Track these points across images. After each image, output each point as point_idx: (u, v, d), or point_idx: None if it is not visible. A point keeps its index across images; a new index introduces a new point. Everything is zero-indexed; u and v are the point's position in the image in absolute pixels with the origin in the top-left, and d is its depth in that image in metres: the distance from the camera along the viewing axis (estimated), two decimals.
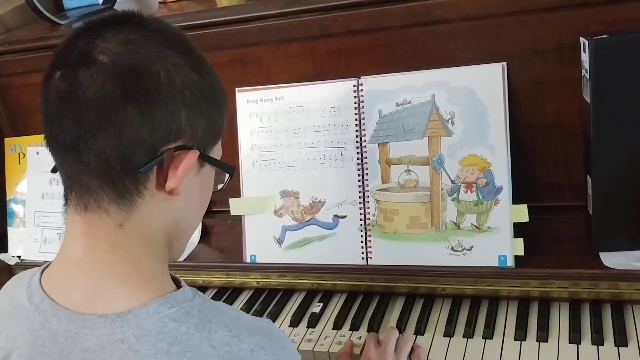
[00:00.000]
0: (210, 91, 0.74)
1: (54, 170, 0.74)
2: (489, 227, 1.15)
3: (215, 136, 0.77)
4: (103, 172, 0.69)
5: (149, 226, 0.73)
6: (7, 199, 1.58)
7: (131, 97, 0.67)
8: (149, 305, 0.68)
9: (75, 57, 0.68)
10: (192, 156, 0.72)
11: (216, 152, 0.79)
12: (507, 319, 1.13)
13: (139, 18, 0.73)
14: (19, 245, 1.56)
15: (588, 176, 1.12)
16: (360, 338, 1.15)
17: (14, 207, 1.58)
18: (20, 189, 1.57)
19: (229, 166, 0.81)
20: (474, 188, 1.16)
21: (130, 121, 0.67)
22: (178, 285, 0.74)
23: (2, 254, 1.56)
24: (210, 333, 0.67)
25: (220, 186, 0.83)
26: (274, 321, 1.25)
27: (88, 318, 0.68)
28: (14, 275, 1.50)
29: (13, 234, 1.58)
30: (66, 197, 0.73)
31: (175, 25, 0.77)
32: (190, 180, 0.73)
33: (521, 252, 1.13)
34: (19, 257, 1.55)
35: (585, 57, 1.07)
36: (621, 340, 1.02)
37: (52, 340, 0.68)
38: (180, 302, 0.69)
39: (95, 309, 0.68)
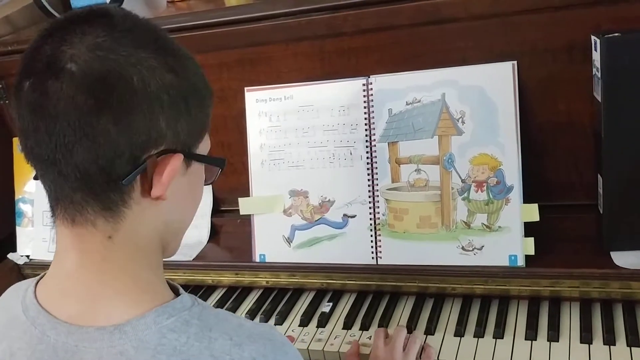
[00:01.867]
0: (190, 89, 0.70)
1: (36, 178, 0.71)
2: (499, 227, 1.15)
3: (200, 133, 0.73)
4: (85, 185, 0.66)
5: (139, 235, 0.70)
6: (16, 198, 1.58)
7: (104, 108, 0.63)
8: (146, 316, 0.66)
9: (42, 65, 0.65)
10: (176, 161, 0.69)
11: (203, 147, 0.75)
12: (517, 318, 1.13)
13: (107, 16, 0.68)
14: (28, 245, 1.56)
15: (599, 175, 1.12)
16: (370, 338, 1.15)
17: (22, 206, 1.58)
18: (28, 188, 1.57)
19: (218, 159, 0.78)
20: (485, 187, 1.15)
21: (105, 133, 0.64)
22: (176, 292, 0.72)
23: (10, 253, 1.56)
24: (211, 342, 0.65)
25: (212, 179, 0.80)
26: (283, 321, 1.25)
27: (86, 331, 0.66)
28: (23, 274, 1.52)
29: (22, 233, 1.58)
30: (53, 210, 0.71)
31: (149, 20, 0.72)
32: (177, 181, 0.71)
33: (532, 252, 1.13)
34: (27, 256, 1.55)
35: (596, 56, 1.06)
36: (633, 340, 1.02)
37: (51, 353, 0.67)
38: (178, 311, 0.68)
39: (92, 321, 0.67)
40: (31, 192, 1.56)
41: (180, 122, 0.69)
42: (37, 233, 1.54)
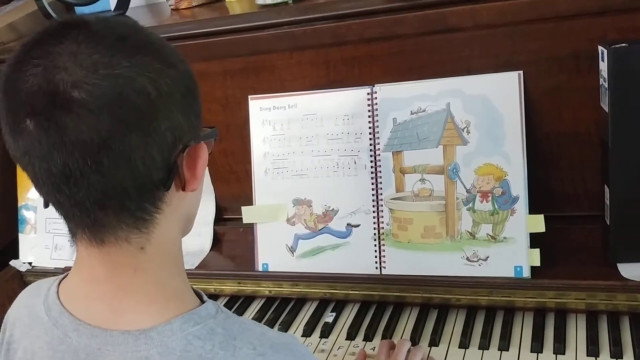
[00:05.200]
0: (188, 79, 0.69)
1: (46, 206, 0.69)
2: (504, 237, 1.13)
3: (201, 113, 0.73)
4: (120, 205, 0.65)
5: (169, 239, 0.71)
6: (19, 205, 1.58)
7: (130, 126, 0.62)
8: (172, 322, 0.67)
9: (42, 100, 0.60)
10: (204, 152, 0.70)
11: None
12: (522, 330, 1.12)
13: (86, 29, 0.63)
14: (30, 252, 1.55)
15: (605, 186, 1.11)
16: (374, 349, 1.14)
17: (25, 213, 1.58)
18: (31, 195, 1.57)
19: (214, 130, 0.76)
20: (490, 197, 1.14)
21: (137, 148, 0.63)
22: (200, 298, 0.73)
23: (13, 260, 1.55)
24: (235, 351, 0.66)
25: (209, 149, 0.78)
26: (285, 331, 1.24)
27: (110, 334, 0.66)
28: (25, 281, 1.52)
29: (24, 240, 1.57)
30: (74, 233, 0.69)
31: (126, 19, 0.70)
32: None
33: (537, 263, 1.12)
34: (30, 263, 1.54)
35: (603, 66, 1.05)
36: None
37: (72, 355, 0.67)
38: (204, 319, 0.68)
39: (117, 325, 0.67)
40: (34, 199, 1.56)
41: (192, 112, 0.69)
42: (39, 240, 1.54)
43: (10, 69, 0.64)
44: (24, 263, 1.55)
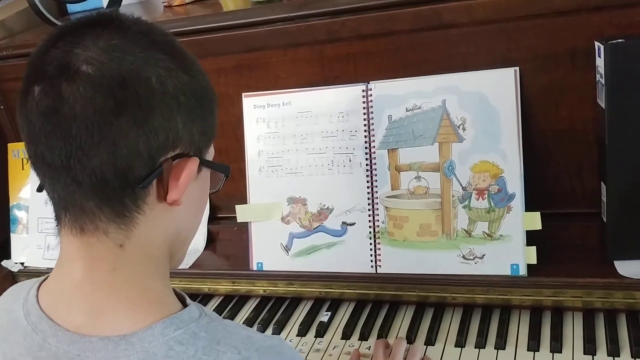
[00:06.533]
0: (203, 92, 0.71)
1: (40, 190, 0.70)
2: (501, 235, 1.13)
3: (210, 138, 0.74)
4: (99, 191, 0.65)
5: (150, 243, 0.70)
6: (10, 204, 1.56)
7: (124, 109, 0.63)
8: (153, 327, 0.65)
9: (54, 69, 0.64)
10: (193, 164, 0.69)
11: (210, 154, 0.76)
12: (519, 329, 1.11)
13: (118, 20, 0.68)
14: (22, 252, 1.54)
15: (602, 183, 1.10)
16: (369, 348, 1.13)
17: (17, 213, 1.56)
18: (23, 194, 1.55)
19: (225, 166, 0.78)
20: (486, 195, 1.13)
21: (125, 134, 0.63)
22: (183, 302, 0.71)
23: (4, 260, 1.54)
24: (219, 356, 0.64)
25: (217, 186, 0.81)
26: (280, 330, 1.23)
27: (90, 340, 0.65)
28: (17, 282, 1.50)
29: (16, 240, 1.56)
30: (58, 218, 0.70)
31: (158, 24, 0.72)
32: (189, 187, 0.70)
33: (534, 261, 1.11)
34: (22, 263, 1.53)
35: (600, 62, 1.05)
36: (638, 351, 1.00)
37: None
38: (186, 323, 0.66)
39: (97, 330, 0.65)
40: (26, 199, 1.54)
41: (195, 125, 0.69)
42: (31, 240, 1.52)
43: (43, 44, 0.67)
44: (16, 263, 1.53)
